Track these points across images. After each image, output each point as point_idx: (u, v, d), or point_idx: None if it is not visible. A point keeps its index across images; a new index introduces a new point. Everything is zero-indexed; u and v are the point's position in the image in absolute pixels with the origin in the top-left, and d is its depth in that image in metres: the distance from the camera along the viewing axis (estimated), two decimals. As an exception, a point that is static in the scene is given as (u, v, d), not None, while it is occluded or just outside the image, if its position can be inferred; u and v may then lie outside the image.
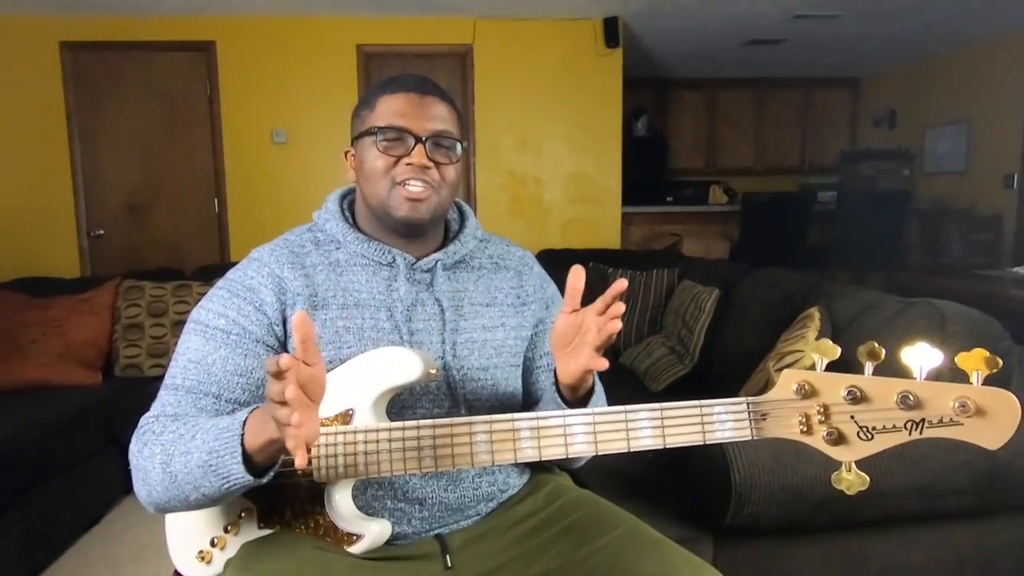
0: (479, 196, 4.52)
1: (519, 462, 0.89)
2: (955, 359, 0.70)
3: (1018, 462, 1.41)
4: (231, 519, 0.95)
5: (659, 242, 5.23)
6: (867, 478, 0.75)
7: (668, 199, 6.01)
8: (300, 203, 4.27)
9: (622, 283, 0.83)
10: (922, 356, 0.71)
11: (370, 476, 0.89)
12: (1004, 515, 1.51)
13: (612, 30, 4.36)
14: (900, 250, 5.03)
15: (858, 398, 0.75)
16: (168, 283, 3.03)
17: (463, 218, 1.15)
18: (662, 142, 6.26)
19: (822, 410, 0.77)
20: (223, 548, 0.95)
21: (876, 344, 0.72)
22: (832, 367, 0.77)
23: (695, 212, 5.67)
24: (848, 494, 0.75)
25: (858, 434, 0.76)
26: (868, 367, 0.74)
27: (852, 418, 0.76)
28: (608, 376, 0.86)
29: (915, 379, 0.73)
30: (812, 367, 0.78)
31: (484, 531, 1.03)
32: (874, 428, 0.75)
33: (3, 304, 2.85)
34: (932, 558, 1.49)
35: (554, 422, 0.86)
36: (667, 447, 0.82)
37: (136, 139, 4.24)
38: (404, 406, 0.99)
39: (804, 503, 1.34)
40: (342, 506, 0.92)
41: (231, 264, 1.07)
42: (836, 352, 0.75)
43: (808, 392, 0.77)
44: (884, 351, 0.73)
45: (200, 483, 0.83)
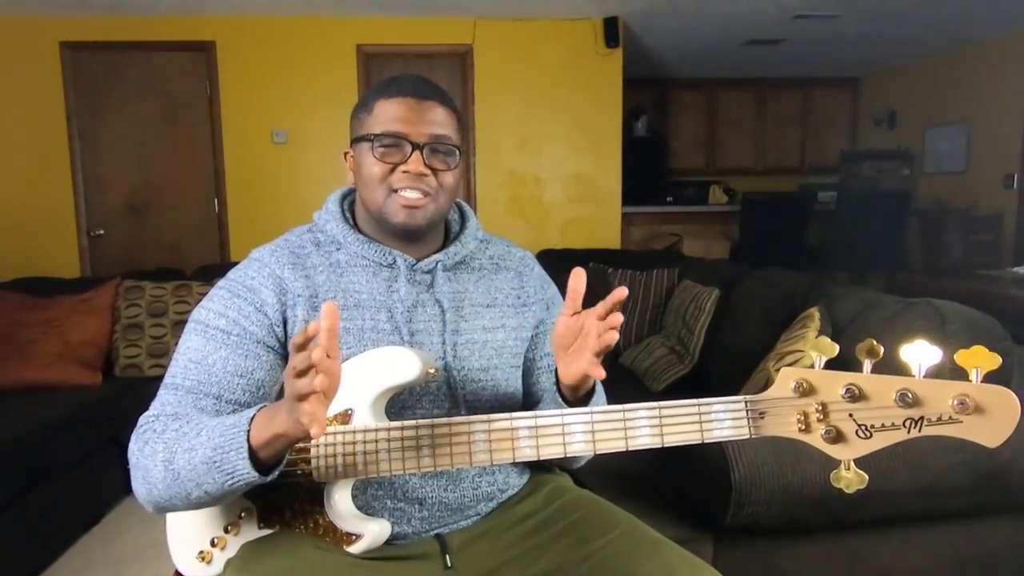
0: (479, 196, 4.52)
1: (518, 462, 0.89)
2: (954, 356, 0.70)
3: (1018, 462, 1.40)
4: (231, 519, 0.95)
5: (659, 242, 5.23)
6: (866, 476, 0.75)
7: (668, 199, 6.01)
8: (300, 203, 4.27)
9: (622, 291, 0.82)
10: (921, 354, 0.71)
11: (369, 476, 0.89)
12: (1004, 515, 1.51)
13: (612, 30, 4.36)
14: (900, 250, 5.03)
15: (856, 396, 0.75)
16: (168, 283, 3.03)
17: (464, 219, 1.14)
18: (662, 142, 6.26)
19: (820, 408, 0.77)
20: (223, 548, 0.95)
21: (875, 342, 0.72)
22: (831, 365, 0.77)
23: (695, 212, 5.67)
24: (847, 492, 0.75)
25: (857, 432, 0.75)
26: (867, 365, 0.74)
27: (851, 416, 0.76)
28: (608, 376, 0.86)
29: (914, 377, 0.73)
30: (812, 367, 0.78)
31: (484, 531, 1.03)
32: (873, 426, 0.75)
33: (3, 304, 2.85)
34: (932, 558, 1.49)
35: (552, 422, 0.86)
36: (665, 446, 0.82)
37: (136, 139, 4.24)
38: (404, 406, 0.99)
39: (804, 503, 1.34)
40: (342, 506, 0.92)
41: (231, 264, 1.06)
42: (835, 350, 0.75)
43: (806, 390, 0.77)
44: (883, 349, 0.73)
45: (203, 480, 0.83)
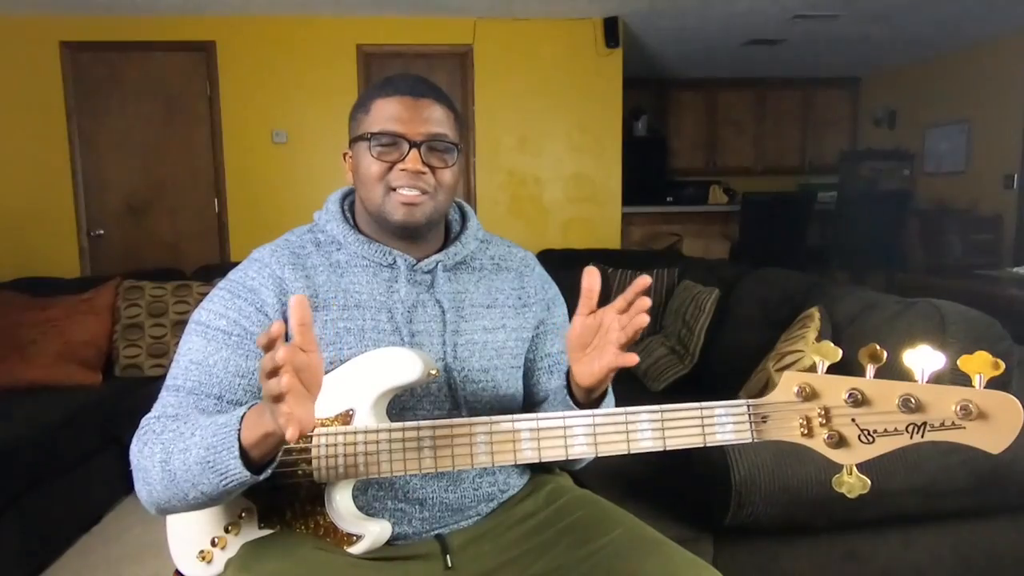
0: (479, 196, 4.52)
1: (519, 463, 0.89)
2: (957, 362, 0.70)
3: (1018, 462, 1.41)
4: (232, 519, 0.95)
5: (659, 242, 5.23)
6: (868, 481, 0.75)
7: (668, 199, 6.01)
8: (300, 203, 4.28)
9: (645, 279, 0.81)
10: (924, 359, 0.71)
11: (370, 476, 0.89)
12: (1004, 515, 1.51)
13: (612, 30, 4.36)
14: (900, 250, 5.03)
15: (859, 401, 0.75)
16: (168, 283, 3.03)
17: (464, 219, 1.14)
18: (662, 142, 6.26)
19: (823, 413, 0.77)
20: (224, 548, 0.95)
21: (877, 346, 0.72)
22: (832, 369, 0.77)
23: (695, 212, 5.67)
24: (849, 497, 0.75)
25: (859, 437, 0.75)
26: (869, 369, 0.74)
27: (853, 421, 0.76)
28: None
29: (917, 382, 0.73)
30: (812, 367, 0.78)
31: (484, 531, 1.03)
32: (875, 431, 0.75)
33: (3, 304, 2.85)
34: (932, 558, 1.49)
35: (554, 424, 0.85)
36: (667, 449, 0.82)
37: (136, 139, 4.24)
38: (404, 407, 0.99)
39: (804, 503, 1.34)
40: (342, 506, 0.92)
41: (231, 264, 1.06)
42: (837, 354, 0.74)
43: (809, 394, 0.77)
44: (886, 353, 0.72)
45: (199, 480, 0.83)
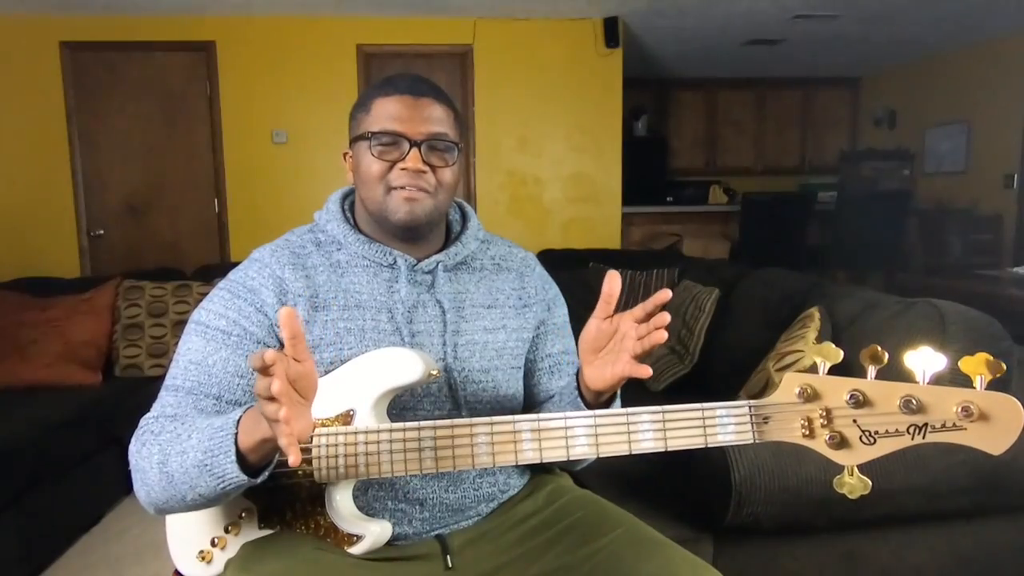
0: (479, 196, 4.52)
1: (520, 464, 0.89)
2: (958, 363, 0.70)
3: (1018, 463, 1.41)
4: (232, 519, 0.95)
5: (659, 242, 5.23)
6: (869, 482, 0.74)
7: (668, 199, 6.01)
8: (300, 203, 4.28)
9: (666, 293, 0.80)
10: (925, 360, 0.71)
11: (371, 477, 0.89)
12: (1004, 515, 1.51)
13: (612, 30, 4.36)
14: (900, 250, 5.03)
15: (860, 402, 0.75)
16: (168, 283, 3.03)
17: (465, 219, 1.14)
18: (662, 142, 6.26)
19: (824, 414, 0.77)
20: (224, 548, 0.95)
21: (879, 348, 0.72)
22: (834, 370, 0.77)
23: (695, 212, 5.67)
24: (850, 498, 0.74)
25: (860, 438, 0.75)
26: (871, 371, 0.74)
27: (855, 422, 0.76)
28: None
29: (918, 383, 0.73)
30: (813, 368, 0.78)
31: (484, 531, 1.03)
32: (877, 432, 0.75)
33: (3, 304, 2.85)
34: (932, 558, 1.49)
35: (555, 424, 0.85)
36: (669, 450, 0.82)
37: (136, 139, 4.24)
38: (405, 407, 0.99)
39: (804, 503, 1.34)
40: (343, 507, 0.92)
41: (231, 264, 1.06)
42: (839, 356, 0.74)
43: (810, 395, 0.77)
44: (887, 355, 0.72)
45: (196, 483, 0.83)
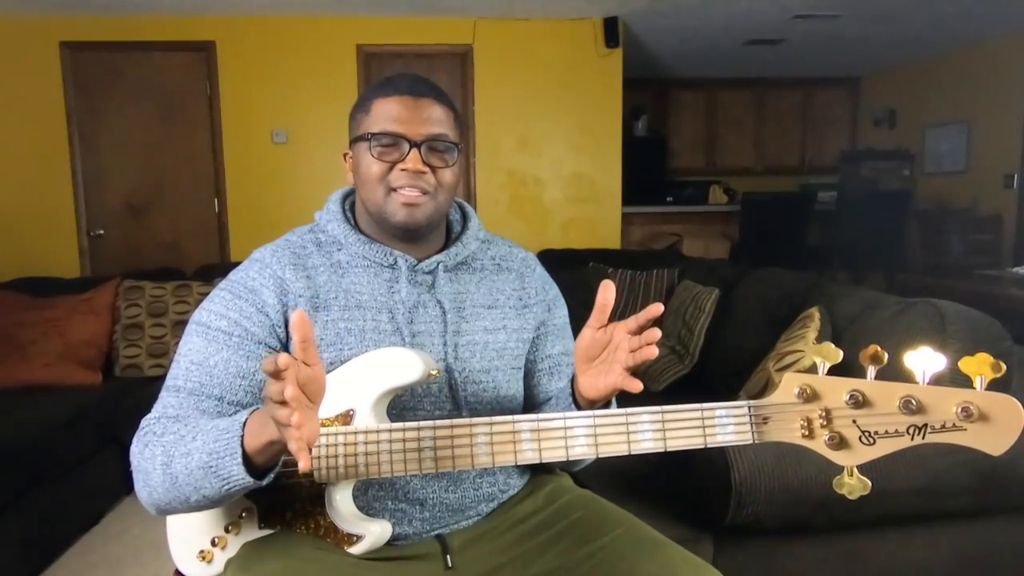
0: (479, 196, 4.52)
1: (519, 464, 0.89)
2: (958, 363, 0.69)
3: (1018, 463, 1.41)
4: (232, 519, 0.95)
5: (659, 242, 5.23)
6: (868, 483, 0.74)
7: (668, 199, 6.01)
8: (300, 203, 4.28)
9: (658, 307, 0.81)
10: (925, 360, 0.71)
11: (371, 477, 0.89)
12: (1004, 515, 1.51)
13: (612, 30, 4.36)
14: (900, 250, 5.03)
15: (860, 402, 0.75)
16: (168, 283, 3.03)
17: (465, 219, 1.14)
18: (662, 142, 6.26)
19: (824, 414, 0.77)
20: (224, 548, 0.95)
21: (879, 348, 0.72)
22: (833, 370, 0.77)
23: (695, 212, 5.67)
24: (850, 498, 0.74)
25: (860, 438, 0.75)
26: (870, 371, 0.74)
27: (854, 422, 0.75)
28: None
29: (918, 384, 0.73)
30: (812, 368, 0.78)
31: (484, 531, 1.03)
32: (876, 432, 0.75)
33: (3, 304, 2.85)
34: (932, 558, 1.49)
35: (555, 424, 0.85)
36: (668, 450, 0.82)
37: (136, 139, 4.24)
38: (405, 408, 0.99)
39: (804, 503, 1.34)
40: (343, 507, 0.92)
41: (231, 264, 1.06)
42: (838, 356, 0.74)
43: (810, 396, 0.77)
44: (887, 355, 0.72)
45: (200, 484, 0.83)
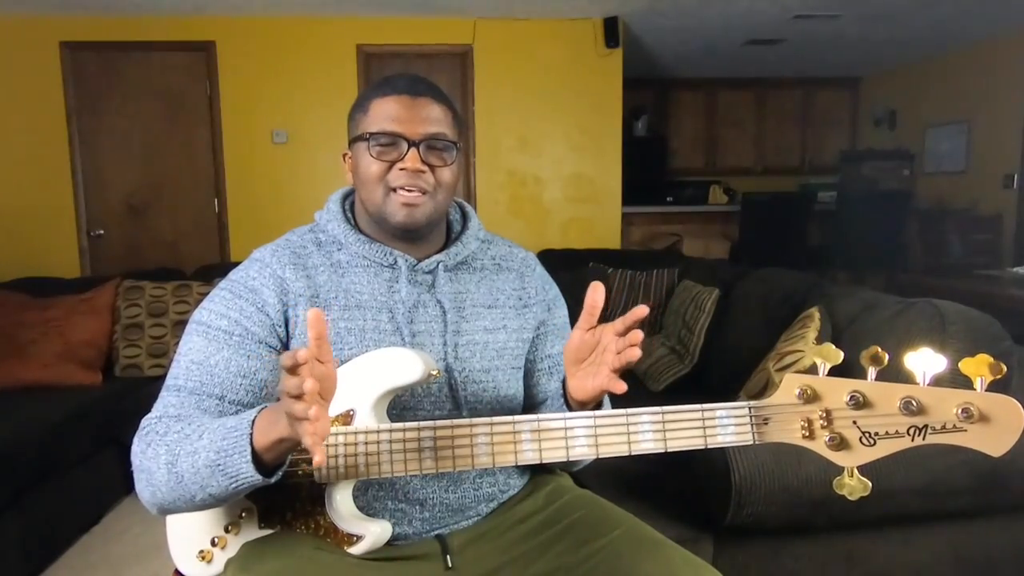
0: (479, 196, 4.52)
1: (520, 464, 0.89)
2: (958, 364, 0.70)
3: (1018, 463, 1.41)
4: (232, 519, 0.95)
5: (659, 242, 5.24)
6: (868, 483, 0.74)
7: (668, 199, 6.01)
8: (300, 203, 4.28)
9: (642, 310, 0.81)
10: (925, 361, 0.71)
11: (371, 477, 0.89)
12: (1004, 515, 1.51)
13: (612, 30, 4.36)
14: (900, 250, 5.03)
15: (861, 403, 0.75)
16: (168, 283, 3.02)
17: (465, 219, 1.14)
18: (662, 142, 6.26)
19: (824, 415, 0.77)
20: (224, 548, 0.95)
21: (879, 349, 0.72)
22: (834, 371, 0.77)
23: (695, 212, 5.67)
24: (850, 499, 0.74)
25: (860, 439, 0.75)
26: (871, 372, 0.74)
27: (855, 423, 0.75)
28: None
29: (918, 384, 0.73)
30: (813, 368, 0.78)
31: (484, 531, 1.03)
32: (877, 433, 0.75)
33: (3, 304, 2.85)
34: (932, 558, 1.49)
35: (555, 425, 0.85)
36: (668, 451, 0.82)
37: (136, 139, 4.24)
38: (405, 408, 0.99)
39: (804, 503, 1.34)
40: (343, 507, 0.92)
41: (231, 264, 1.06)
42: (839, 357, 0.74)
43: (810, 397, 0.77)
44: (887, 356, 0.72)
45: (207, 483, 0.83)
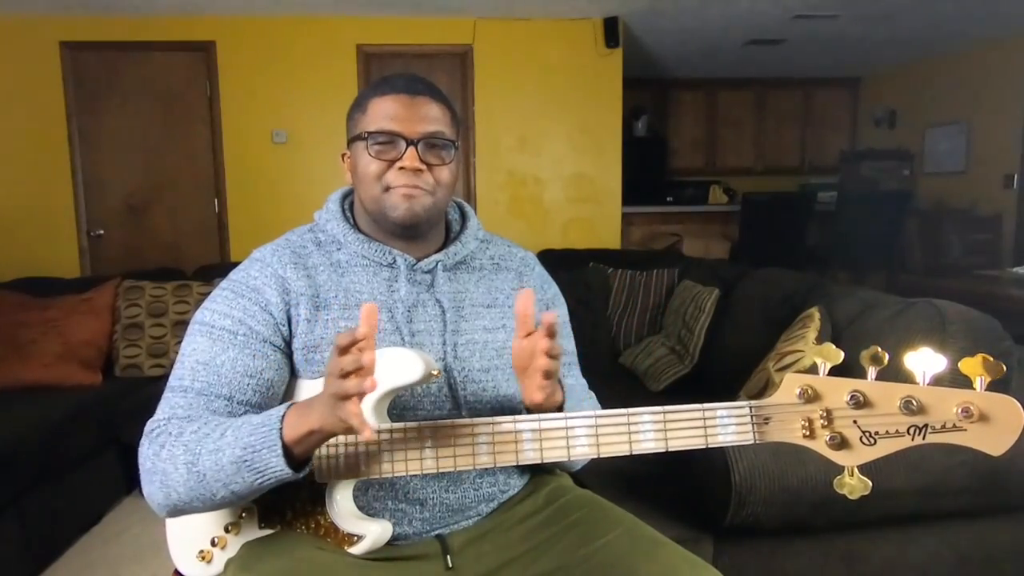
0: (479, 196, 4.52)
1: (521, 464, 0.89)
2: (958, 364, 0.70)
3: (1018, 463, 1.41)
4: (232, 519, 0.95)
5: (659, 242, 5.23)
6: (869, 483, 0.75)
7: (668, 199, 6.01)
8: (300, 203, 4.27)
9: (550, 315, 0.84)
10: (925, 361, 0.71)
11: (371, 476, 0.89)
12: (1004, 515, 1.51)
13: (612, 30, 4.36)
14: (900, 250, 5.03)
15: (861, 403, 0.75)
16: (168, 283, 3.02)
17: (464, 219, 1.14)
18: (662, 142, 6.26)
19: (825, 414, 0.77)
20: (224, 547, 0.95)
21: (879, 349, 0.72)
22: (834, 371, 0.77)
23: (695, 212, 5.67)
24: (850, 498, 0.75)
25: (861, 439, 0.75)
26: (871, 371, 0.74)
27: (855, 423, 0.76)
28: (608, 376, 0.86)
29: (918, 384, 0.73)
30: (813, 368, 0.78)
31: (485, 531, 1.03)
32: (877, 433, 0.75)
33: (3, 304, 2.85)
34: (932, 558, 1.49)
35: (556, 424, 0.86)
36: (669, 450, 0.82)
37: (136, 139, 4.23)
38: (405, 407, 0.99)
39: (804, 503, 1.34)
40: (343, 507, 0.92)
41: (231, 264, 1.06)
42: (839, 357, 0.75)
43: (811, 396, 0.77)
44: (888, 356, 0.72)
45: (231, 480, 0.83)
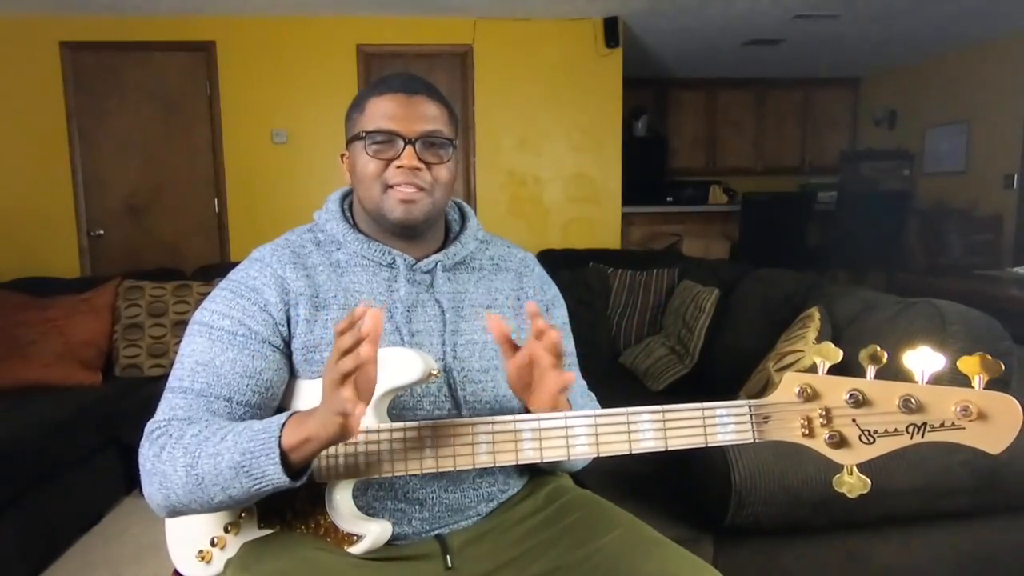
0: (479, 196, 4.52)
1: (520, 463, 0.89)
2: (957, 363, 0.70)
3: (1018, 462, 1.41)
4: (231, 519, 0.95)
5: (659, 242, 5.23)
6: (868, 481, 0.75)
7: (668, 199, 6.01)
8: (300, 203, 4.27)
9: (531, 305, 0.87)
10: (924, 360, 0.71)
11: (371, 476, 0.89)
12: (1004, 515, 1.51)
13: (612, 30, 4.36)
14: (900, 250, 5.03)
15: (860, 401, 0.75)
16: (168, 283, 3.03)
17: (464, 219, 1.14)
18: (662, 142, 6.26)
19: (824, 413, 0.77)
20: (223, 548, 0.95)
21: (878, 348, 0.72)
22: (833, 370, 0.77)
23: (695, 212, 5.67)
24: (849, 497, 0.75)
25: (860, 437, 0.75)
26: (870, 370, 0.74)
27: (854, 421, 0.76)
28: (608, 376, 0.86)
29: (917, 383, 0.73)
30: (812, 368, 0.78)
31: (484, 531, 1.03)
32: (876, 432, 0.75)
33: (3, 304, 2.85)
34: (932, 558, 1.49)
35: (556, 424, 0.85)
36: (669, 449, 0.82)
37: (136, 139, 4.24)
38: (404, 407, 0.99)
39: (804, 503, 1.34)
40: (342, 506, 0.92)
41: (231, 264, 1.06)
42: (838, 356, 0.75)
43: (810, 395, 0.77)
44: (886, 355, 0.73)
45: (229, 484, 0.83)
